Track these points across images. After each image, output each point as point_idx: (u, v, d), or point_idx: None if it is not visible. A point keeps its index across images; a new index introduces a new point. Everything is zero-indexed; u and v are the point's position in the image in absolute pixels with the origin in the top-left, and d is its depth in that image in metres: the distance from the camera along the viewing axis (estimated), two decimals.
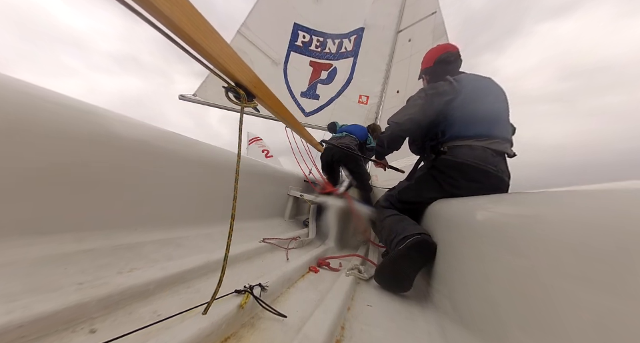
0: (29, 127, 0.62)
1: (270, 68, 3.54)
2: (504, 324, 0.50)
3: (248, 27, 3.59)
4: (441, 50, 1.36)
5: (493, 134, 1.08)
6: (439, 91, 1.17)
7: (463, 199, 0.90)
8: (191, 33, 0.46)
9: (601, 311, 0.32)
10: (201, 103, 3.45)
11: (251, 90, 0.65)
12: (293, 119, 1.12)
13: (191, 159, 1.12)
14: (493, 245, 0.59)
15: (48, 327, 0.42)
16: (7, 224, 0.61)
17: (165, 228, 1.00)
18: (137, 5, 0.39)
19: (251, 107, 0.68)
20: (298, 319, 0.62)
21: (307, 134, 1.56)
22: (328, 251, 1.36)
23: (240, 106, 0.63)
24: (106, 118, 0.81)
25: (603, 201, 0.40)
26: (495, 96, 1.17)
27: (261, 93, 0.71)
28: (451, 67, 1.31)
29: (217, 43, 0.52)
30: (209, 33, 0.50)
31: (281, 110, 0.92)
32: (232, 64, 0.58)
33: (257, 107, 0.73)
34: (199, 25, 0.47)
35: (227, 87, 0.63)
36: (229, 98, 0.65)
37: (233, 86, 0.63)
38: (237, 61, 0.59)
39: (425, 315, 0.79)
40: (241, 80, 0.62)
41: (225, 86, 0.63)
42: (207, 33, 0.50)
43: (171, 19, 0.41)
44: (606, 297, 0.32)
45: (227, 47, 0.55)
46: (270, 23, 3.69)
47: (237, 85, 0.63)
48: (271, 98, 0.79)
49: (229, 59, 0.56)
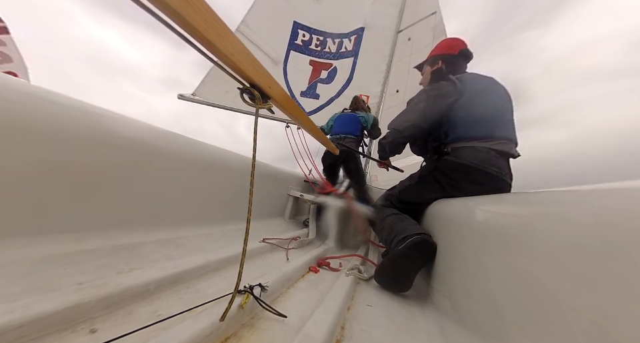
0: (29, 126, 0.62)
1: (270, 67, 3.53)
2: (504, 324, 0.50)
3: (247, 25, 3.56)
4: (461, 44, 1.30)
5: (496, 135, 1.07)
6: (441, 93, 1.15)
7: (463, 199, 0.90)
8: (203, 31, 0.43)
9: (601, 311, 0.32)
10: (200, 103, 3.43)
11: (265, 91, 0.63)
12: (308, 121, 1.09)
13: (191, 159, 1.12)
14: (493, 245, 0.59)
15: (48, 328, 0.42)
16: (7, 224, 0.61)
17: (165, 228, 1.00)
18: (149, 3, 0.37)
19: (265, 108, 0.64)
20: (298, 319, 0.62)
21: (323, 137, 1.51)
22: (328, 251, 1.36)
23: (255, 107, 0.61)
24: (106, 118, 0.81)
25: (604, 201, 0.40)
26: (499, 96, 1.15)
27: (276, 93, 0.68)
28: (466, 63, 1.28)
29: (231, 42, 0.49)
30: (222, 30, 0.46)
31: (295, 111, 0.88)
32: (246, 63, 0.55)
33: (271, 108, 0.70)
34: (212, 22, 0.44)
35: (242, 88, 0.60)
36: (244, 99, 0.62)
37: (248, 87, 0.60)
38: (251, 60, 0.56)
39: (425, 315, 0.79)
40: (255, 80, 0.59)
41: (240, 87, 0.60)
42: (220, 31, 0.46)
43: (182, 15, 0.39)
44: (606, 297, 0.32)
45: (241, 45, 0.52)
46: (269, 21, 3.66)
47: (251, 85, 0.60)
48: (286, 99, 0.75)
49: (244, 58, 0.53)
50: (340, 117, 2.36)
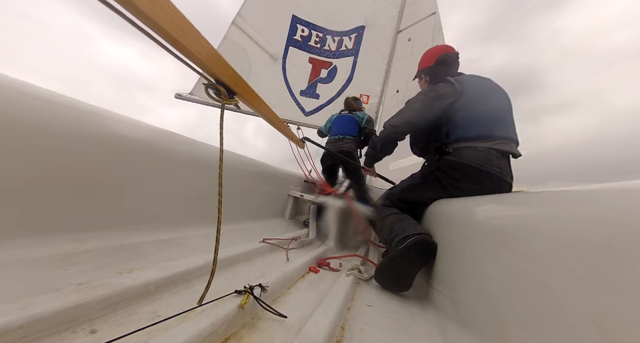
0: (29, 126, 0.62)
1: (268, 64, 3.42)
2: (504, 324, 0.50)
3: (243, 17, 3.41)
4: (441, 50, 1.35)
5: (497, 135, 1.07)
6: (439, 94, 1.16)
7: (464, 199, 0.90)
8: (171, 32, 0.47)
9: (601, 311, 0.32)
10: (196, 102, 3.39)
11: (231, 87, 0.66)
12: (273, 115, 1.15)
13: (191, 159, 1.12)
14: (493, 245, 0.59)
15: (48, 328, 0.42)
16: (7, 224, 0.61)
17: (165, 228, 1.00)
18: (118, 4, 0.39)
19: (232, 104, 0.69)
20: (298, 319, 0.62)
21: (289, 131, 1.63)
22: (328, 252, 1.36)
23: (220, 103, 0.64)
24: (106, 118, 0.81)
25: (604, 201, 0.40)
26: (498, 96, 1.16)
27: (242, 90, 0.71)
28: (450, 67, 1.31)
29: (197, 41, 0.54)
30: (189, 31, 0.51)
31: (261, 107, 0.95)
32: (212, 61, 0.59)
33: (237, 104, 0.74)
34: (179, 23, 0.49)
35: (207, 84, 0.64)
36: (209, 95, 0.66)
37: (213, 83, 0.63)
38: (217, 59, 0.60)
39: (425, 315, 0.79)
40: (221, 77, 0.63)
41: (205, 83, 0.64)
42: (188, 32, 0.51)
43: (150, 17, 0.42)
44: (606, 296, 0.32)
45: (207, 44, 0.57)
46: (267, 13, 3.51)
47: (217, 82, 0.64)
48: (251, 95, 0.80)
49: (209, 56, 0.58)
50: (338, 119, 2.37)
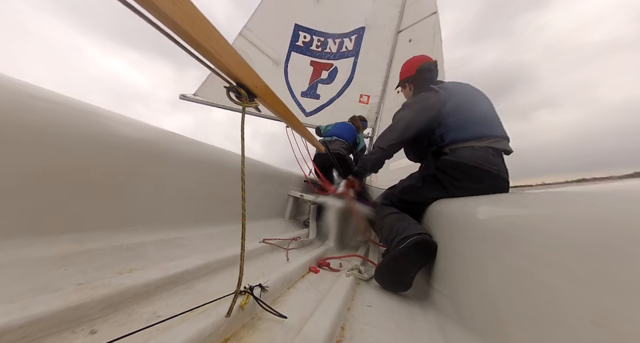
0: (29, 126, 0.62)
1: (271, 68, 3.54)
2: (504, 324, 0.50)
3: (250, 29, 3.61)
4: (421, 60, 1.42)
5: (491, 133, 1.10)
6: (424, 107, 1.20)
7: (464, 199, 0.90)
8: (193, 33, 0.46)
9: (601, 311, 0.32)
10: (201, 103, 3.44)
11: (252, 90, 0.65)
12: (294, 119, 1.12)
13: (191, 159, 1.12)
14: (493, 244, 0.59)
15: (48, 328, 0.42)
16: (7, 224, 0.61)
17: (165, 228, 1.00)
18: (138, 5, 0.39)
19: (252, 106, 0.67)
20: (298, 319, 0.62)
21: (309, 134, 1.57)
22: (328, 252, 1.36)
23: (241, 106, 0.63)
24: (106, 118, 0.81)
25: (604, 201, 0.40)
26: (481, 98, 1.22)
27: (262, 92, 0.70)
28: (431, 75, 1.36)
29: (219, 43, 0.52)
30: (210, 33, 0.50)
31: (282, 110, 0.92)
32: (233, 63, 0.57)
33: (258, 106, 0.72)
34: (201, 25, 0.48)
35: (228, 87, 0.63)
36: (230, 98, 0.65)
37: (234, 86, 0.63)
38: (238, 61, 0.59)
39: (425, 315, 0.79)
40: (242, 79, 0.62)
41: (227, 86, 0.63)
42: (209, 34, 0.50)
43: (172, 18, 0.41)
44: (606, 296, 0.32)
45: (228, 46, 0.55)
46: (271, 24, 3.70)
47: (238, 84, 0.63)
48: (272, 98, 0.79)
49: (231, 58, 0.56)
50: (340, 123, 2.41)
